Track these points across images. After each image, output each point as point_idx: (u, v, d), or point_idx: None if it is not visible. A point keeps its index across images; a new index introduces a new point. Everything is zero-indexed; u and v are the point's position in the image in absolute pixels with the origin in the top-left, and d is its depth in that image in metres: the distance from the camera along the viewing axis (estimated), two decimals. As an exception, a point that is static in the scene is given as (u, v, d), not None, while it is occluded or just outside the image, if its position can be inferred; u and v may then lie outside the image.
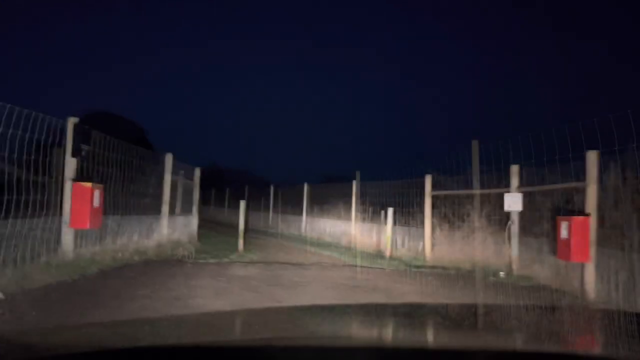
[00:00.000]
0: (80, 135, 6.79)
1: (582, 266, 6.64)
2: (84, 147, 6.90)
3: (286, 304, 6.08)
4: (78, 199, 6.52)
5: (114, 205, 8.41)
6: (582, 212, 6.60)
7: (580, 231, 6.35)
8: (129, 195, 9.06)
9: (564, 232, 6.63)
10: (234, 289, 7.11)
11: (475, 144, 5.49)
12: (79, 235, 6.94)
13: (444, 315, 5.36)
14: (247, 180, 31.52)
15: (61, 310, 4.97)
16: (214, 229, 18.81)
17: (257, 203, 22.00)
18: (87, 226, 6.58)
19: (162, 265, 8.72)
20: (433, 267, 9.92)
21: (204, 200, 28.00)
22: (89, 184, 6.63)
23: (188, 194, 13.98)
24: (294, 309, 5.88)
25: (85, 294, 5.82)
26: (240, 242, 11.37)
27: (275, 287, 7.31)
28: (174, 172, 12.67)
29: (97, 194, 6.75)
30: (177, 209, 13.25)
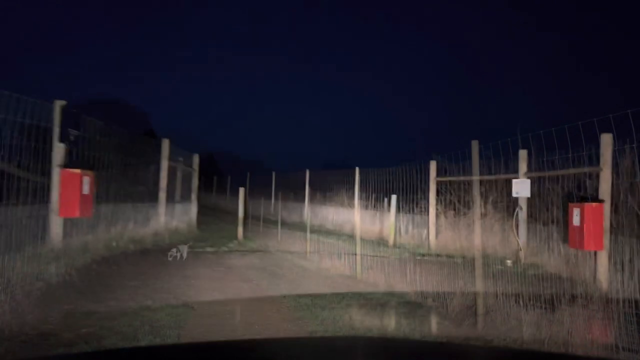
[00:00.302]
0: (69, 119, 6.49)
1: (595, 254, 6.32)
2: (73, 132, 6.60)
3: (282, 294, 5.83)
4: (67, 187, 6.23)
5: (107, 193, 8.14)
6: (595, 198, 6.26)
7: (594, 218, 6.02)
8: (124, 182, 8.79)
9: (576, 220, 6.30)
10: (229, 280, 6.87)
11: (475, 144, 5.18)
12: (70, 224, 6.68)
13: (443, 311, 5.01)
14: (250, 167, 31.26)
15: (44, 303, 4.72)
16: (215, 216, 18.60)
17: (259, 190, 21.73)
18: (77, 214, 6.31)
19: (158, 254, 8.47)
20: (437, 255, 9.64)
21: (206, 188, 27.79)
22: (78, 171, 6.35)
23: (187, 181, 13.71)
24: (288, 298, 5.62)
25: (71, 286, 5.56)
26: (240, 230, 11.11)
27: (274, 278, 7.06)
28: (173, 159, 12.38)
29: (86, 180, 6.47)
30: (177, 196, 13.00)
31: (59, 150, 6.36)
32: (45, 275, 5.31)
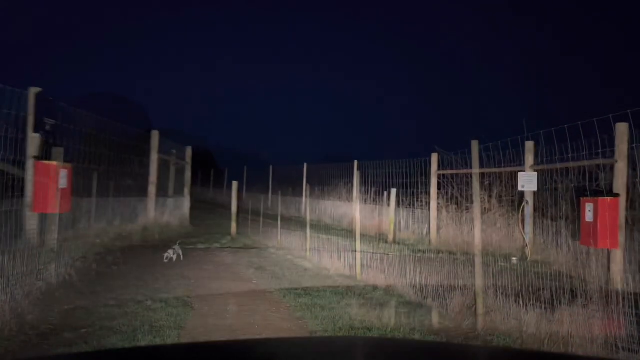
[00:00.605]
0: (45, 107, 6.05)
1: (608, 252, 5.90)
2: (49, 121, 6.16)
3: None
4: (42, 180, 5.80)
5: (91, 187, 7.72)
6: (609, 193, 5.82)
7: (608, 214, 5.58)
8: (110, 176, 8.35)
9: (588, 215, 5.86)
10: (218, 279, 6.48)
11: (475, 144, 4.98)
12: (47, 220, 6.24)
13: (443, 311, 4.90)
14: (249, 162, 30.86)
15: (44, 303, 4.57)
16: (210, 211, 18.18)
17: (256, 184, 21.36)
18: (53, 210, 5.87)
19: (145, 251, 8.05)
20: (438, 251, 9.21)
21: (203, 182, 27.41)
22: (54, 163, 5.91)
23: (180, 175, 13.29)
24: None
25: (71, 286, 5.37)
26: (233, 225, 10.68)
27: (268, 279, 6.66)
28: (165, 152, 11.97)
29: (64, 173, 6.03)
30: (169, 191, 12.59)
31: (33, 141, 5.92)
32: (45, 275, 5.19)
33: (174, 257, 7.33)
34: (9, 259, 4.52)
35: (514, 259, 8.05)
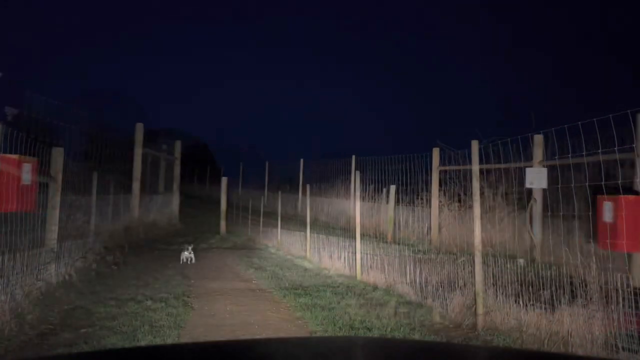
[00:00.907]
0: (6, 94, 5.50)
1: (629, 256, 5.34)
2: (11, 110, 5.61)
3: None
4: (1, 175, 5.24)
5: (65, 184, 7.16)
6: (630, 190, 5.26)
7: (631, 214, 5.01)
8: (87, 172, 7.79)
9: (607, 215, 5.30)
10: (218, 279, 6.16)
11: (474, 144, 5.05)
12: (11, 220, 5.69)
13: (443, 311, 4.57)
14: (247, 159, 30.41)
15: (44, 303, 4.49)
16: (204, 208, 17.66)
17: (253, 182, 20.95)
18: (13, 209, 5.31)
19: (127, 253, 7.51)
20: (439, 252, 8.68)
21: (200, 179, 26.99)
22: (15, 156, 5.34)
23: (170, 171, 12.76)
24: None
25: (44, 289, 4.96)
26: (222, 224, 10.14)
27: (268, 278, 6.33)
28: (154, 148, 11.45)
29: (27, 168, 5.46)
30: (159, 187, 12.08)
31: (-8, 132, 5.35)
32: (45, 275, 5.14)
33: (192, 257, 7.03)
34: (9, 258, 4.46)
35: (520, 260, 7.50)
